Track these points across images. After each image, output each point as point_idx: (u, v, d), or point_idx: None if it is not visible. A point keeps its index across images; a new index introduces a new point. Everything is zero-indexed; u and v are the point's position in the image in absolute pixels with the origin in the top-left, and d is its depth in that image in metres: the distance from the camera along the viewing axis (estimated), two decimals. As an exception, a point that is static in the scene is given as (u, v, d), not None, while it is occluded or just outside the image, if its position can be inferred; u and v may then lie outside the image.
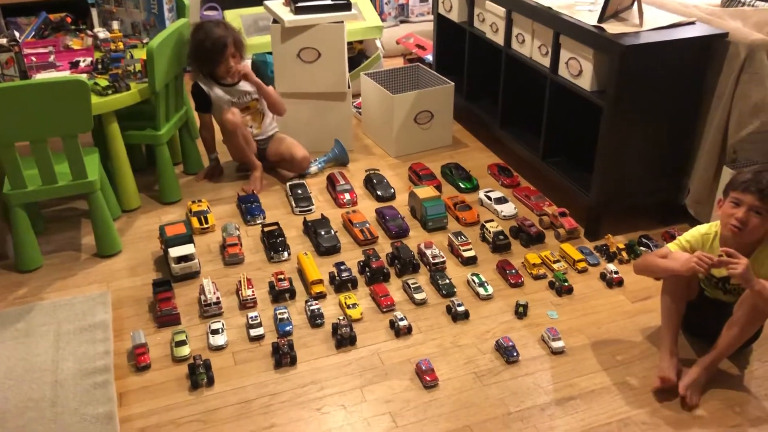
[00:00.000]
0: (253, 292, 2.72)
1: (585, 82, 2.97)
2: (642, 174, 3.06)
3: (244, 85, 3.51)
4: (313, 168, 3.68)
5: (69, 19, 4.00)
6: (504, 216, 3.26)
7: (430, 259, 2.89)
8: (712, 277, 2.35)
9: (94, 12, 4.09)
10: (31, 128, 2.69)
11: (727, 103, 2.81)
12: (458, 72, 4.08)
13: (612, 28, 2.82)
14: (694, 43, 2.80)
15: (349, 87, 3.82)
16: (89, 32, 3.65)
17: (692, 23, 2.89)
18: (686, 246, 2.33)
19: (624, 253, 2.96)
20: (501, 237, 3.02)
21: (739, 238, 2.18)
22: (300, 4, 3.59)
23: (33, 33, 3.73)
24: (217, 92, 3.47)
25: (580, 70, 2.98)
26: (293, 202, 3.34)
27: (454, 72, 4.10)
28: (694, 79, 2.89)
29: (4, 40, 3.11)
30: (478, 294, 2.74)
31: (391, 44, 5.15)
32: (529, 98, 3.53)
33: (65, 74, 3.17)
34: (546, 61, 3.22)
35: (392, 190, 3.46)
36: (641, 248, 2.98)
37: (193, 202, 3.34)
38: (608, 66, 2.82)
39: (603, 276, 2.84)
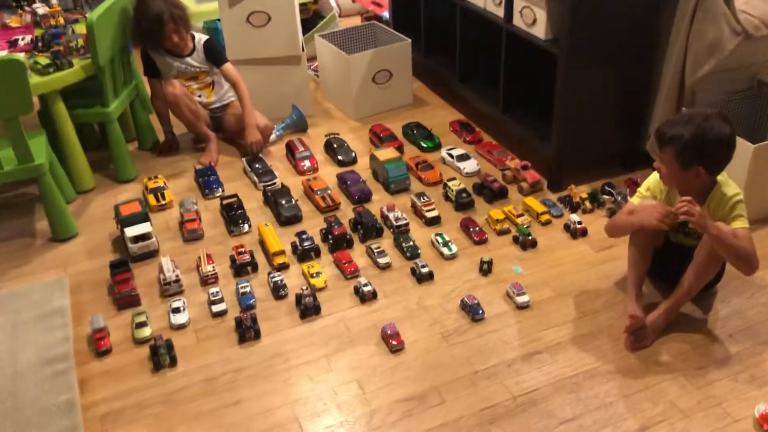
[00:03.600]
0: (213, 267, 2.67)
1: (539, 31, 2.91)
2: (601, 122, 3.03)
3: (193, 60, 3.40)
4: (272, 136, 3.60)
5: (10, -3, 3.83)
6: (467, 173, 3.22)
7: (393, 222, 2.85)
8: (679, 225, 2.33)
9: (32, -13, 3.92)
10: (-32, 113, 2.59)
11: (683, 44, 2.77)
12: (416, 28, 3.99)
13: (563, -27, 2.75)
14: (647, -14, 2.75)
15: (303, 50, 3.72)
16: (27, 8, 3.50)
17: (645, -35, 2.83)
18: (647, 195, 2.31)
19: (587, 203, 2.94)
20: (464, 195, 2.99)
21: (666, 186, 2.20)
22: (246, -34, 3.46)
23: (-32, 12, 3.57)
24: (165, 59, 3.37)
25: (534, 18, 2.91)
26: (255, 177, 3.26)
27: (412, 28, 4.01)
28: (648, 23, 2.84)
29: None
30: (442, 254, 2.72)
31: (348, 3, 5.02)
32: (486, 51, 3.45)
33: (1, 54, 3.04)
34: (500, 12, 3.14)
35: (353, 154, 3.40)
36: (604, 196, 2.96)
37: (149, 178, 3.26)
38: (561, 13, 2.76)
39: (567, 227, 2.82)
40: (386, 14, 4.53)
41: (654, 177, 2.31)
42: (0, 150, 2.74)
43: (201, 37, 3.46)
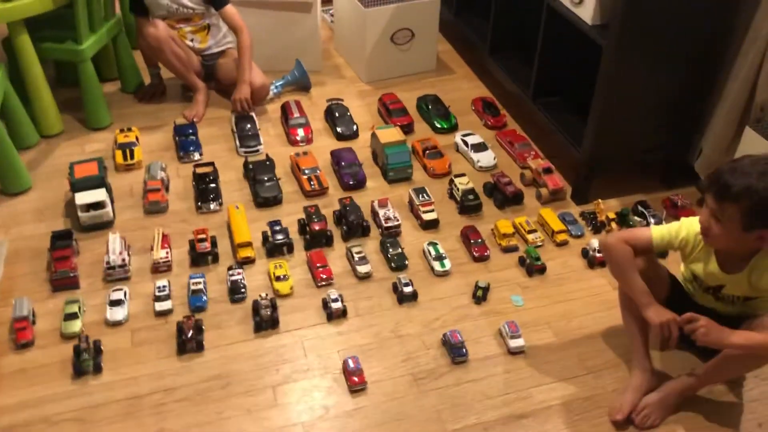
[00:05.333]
0: (167, 253, 2.32)
1: (586, 13, 2.40)
2: (645, 127, 2.54)
3: (187, 0, 2.93)
4: (269, 93, 3.18)
5: None
6: (480, 167, 2.78)
7: (383, 221, 2.44)
8: (701, 282, 1.89)
9: None
10: None
11: (761, 49, 2.25)
12: (448, -21, 3.47)
13: (624, -54, 2.22)
14: (726, -27, 2.22)
15: (316, -3, 3.24)
16: None
17: (728, -55, 2.28)
18: (674, 243, 1.86)
19: (614, 224, 2.49)
20: (471, 197, 2.56)
21: (710, 245, 1.75)
22: None
23: None
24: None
25: (581, -4, 2.40)
26: (237, 140, 2.86)
27: (444, -20, 3.48)
28: (721, 17, 2.32)
29: None
30: (432, 269, 2.32)
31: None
32: (524, 23, 2.94)
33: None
34: (544, -19, 2.63)
35: (355, 127, 2.97)
36: (635, 218, 2.51)
37: (122, 130, 2.88)
38: (615, -4, 2.25)
39: (585, 253, 2.39)
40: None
41: (693, 229, 1.83)
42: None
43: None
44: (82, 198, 2.42)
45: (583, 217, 2.55)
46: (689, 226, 1.85)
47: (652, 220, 2.49)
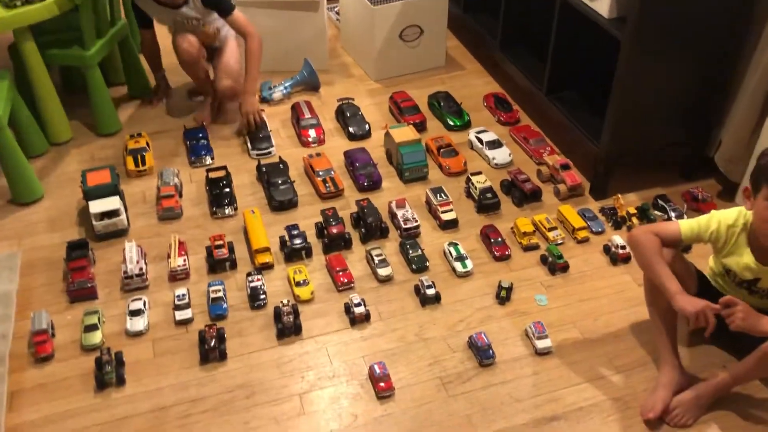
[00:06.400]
0: (185, 260, 2.28)
1: (602, 7, 2.36)
2: (664, 121, 2.52)
3: (189, 11, 2.81)
4: (277, 93, 3.14)
5: None
6: (496, 164, 2.74)
7: (402, 223, 2.41)
8: (735, 276, 1.87)
9: None
10: None
11: (781, 40, 2.23)
12: (457, -25, 3.43)
13: (642, -62, 2.19)
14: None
15: (323, -7, 3.20)
16: None
17: (747, -68, 2.25)
18: (704, 236, 1.83)
19: (635, 219, 2.47)
20: (488, 195, 2.52)
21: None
22: None
23: None
24: (156, 9, 2.82)
25: (597, -10, 2.37)
26: (249, 143, 2.83)
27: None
28: (739, 10, 2.28)
29: None
30: (454, 270, 2.29)
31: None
32: (536, 16, 2.90)
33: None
34: (557, -26, 2.59)
35: (367, 127, 2.93)
36: (656, 212, 2.48)
37: (131, 136, 2.84)
38: (633, -11, 2.22)
39: (607, 249, 2.36)
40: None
41: (723, 221, 1.79)
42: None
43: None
44: (96, 206, 2.38)
45: (603, 213, 2.52)
46: (720, 218, 1.82)
47: (672, 214, 2.46)
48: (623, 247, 2.32)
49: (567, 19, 2.63)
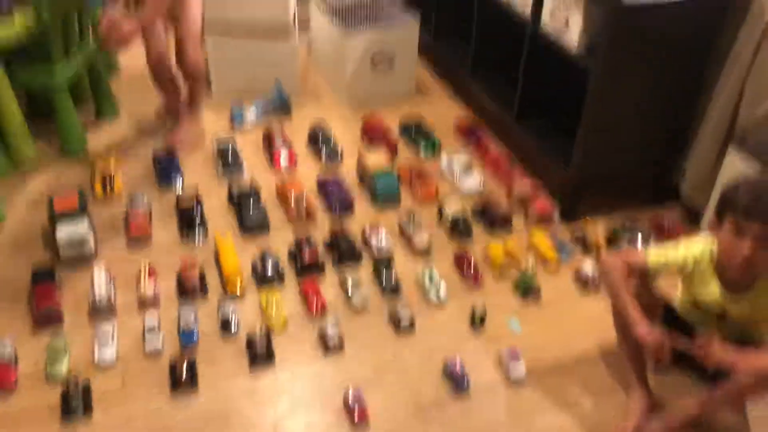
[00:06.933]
0: (155, 287, 2.24)
1: (571, 39, 2.42)
2: (631, 148, 2.58)
3: None
4: (249, 117, 3.13)
5: None
6: (467, 191, 2.77)
7: (375, 250, 2.41)
8: (703, 305, 1.89)
9: None
10: None
11: (742, 73, 2.30)
12: (427, 2, 3.47)
13: (610, -28, 2.25)
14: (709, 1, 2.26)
15: (294, 20, 3.21)
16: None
17: (709, -30, 2.33)
18: (671, 266, 1.85)
19: (604, 244, 2.51)
20: (460, 221, 2.54)
21: (747, 273, 1.73)
22: None
23: None
24: None
25: (566, 22, 2.42)
26: (220, 166, 2.81)
27: (423, 2, 3.49)
28: (703, 44, 2.37)
29: None
30: (428, 295, 2.29)
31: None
32: (506, 42, 2.95)
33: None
34: (526, 7, 2.64)
35: (339, 151, 2.94)
36: (625, 233, 2.52)
37: (100, 159, 2.79)
38: (601, 23, 2.28)
39: (578, 276, 2.40)
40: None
41: (690, 252, 1.81)
42: None
43: None
44: (63, 232, 2.33)
45: (573, 238, 2.56)
46: (687, 248, 1.85)
47: (640, 240, 2.51)
48: (593, 274, 2.36)
49: (536, 48, 2.69)
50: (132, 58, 2.96)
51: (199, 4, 2.81)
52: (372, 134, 3.01)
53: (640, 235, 2.51)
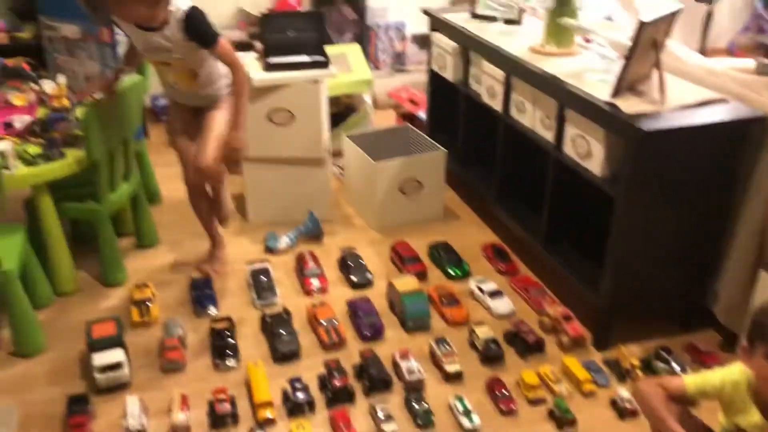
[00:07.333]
0: (186, 416, 2.24)
1: (595, 166, 2.50)
2: (661, 273, 2.58)
3: (161, 38, 2.49)
4: (282, 244, 3.22)
5: (27, 66, 3.59)
6: (498, 314, 2.77)
7: (406, 375, 2.40)
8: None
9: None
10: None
11: (766, 196, 2.34)
12: (453, 132, 3.63)
13: (628, 105, 2.36)
14: (726, 128, 2.34)
15: (329, 151, 3.37)
16: (34, 86, 3.23)
17: (724, 101, 2.43)
18: (709, 393, 1.82)
19: (638, 371, 2.46)
20: (492, 346, 2.53)
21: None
22: (273, 60, 3.16)
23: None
24: (130, 29, 2.57)
25: (588, 150, 2.51)
26: (254, 293, 2.87)
27: (449, 132, 3.65)
28: (725, 168, 2.42)
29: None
30: (461, 425, 2.25)
31: (383, 97, 4.71)
32: (531, 169, 3.05)
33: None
34: (549, 136, 2.76)
35: (369, 276, 2.99)
36: (660, 364, 2.48)
37: (137, 286, 2.88)
38: (623, 151, 2.36)
39: (614, 403, 2.34)
40: (422, 114, 4.20)
41: (728, 378, 1.77)
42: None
43: (181, 7, 2.45)
44: (100, 359, 2.37)
45: (607, 365, 2.52)
46: (725, 375, 1.82)
47: (676, 367, 2.46)
48: (630, 401, 2.30)
49: (561, 174, 2.77)
50: (173, 190, 3.11)
51: (225, 119, 2.74)
52: (401, 258, 3.07)
53: (675, 363, 2.46)
